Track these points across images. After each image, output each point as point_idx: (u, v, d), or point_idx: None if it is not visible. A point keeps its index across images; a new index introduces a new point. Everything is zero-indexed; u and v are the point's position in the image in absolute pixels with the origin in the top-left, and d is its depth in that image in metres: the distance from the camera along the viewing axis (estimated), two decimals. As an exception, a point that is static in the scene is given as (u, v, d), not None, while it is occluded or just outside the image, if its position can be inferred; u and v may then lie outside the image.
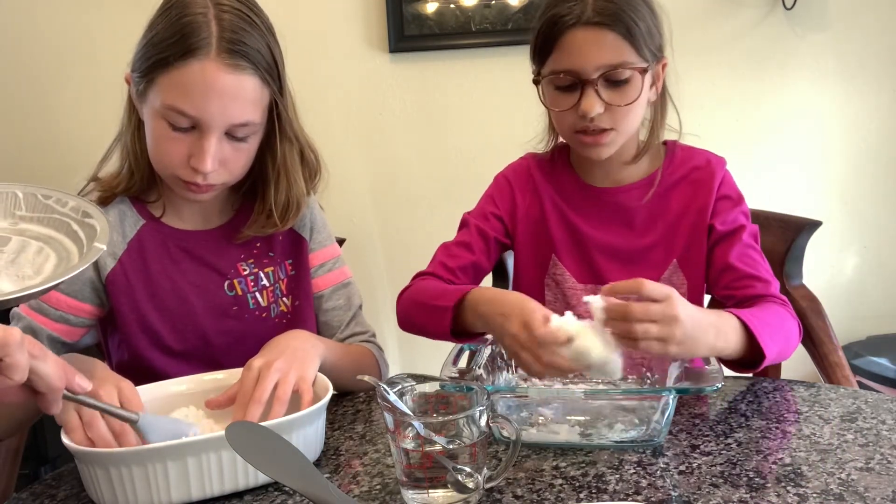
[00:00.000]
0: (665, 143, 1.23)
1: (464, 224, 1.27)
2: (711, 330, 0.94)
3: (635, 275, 1.16)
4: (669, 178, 1.20)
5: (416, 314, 1.16)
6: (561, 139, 1.25)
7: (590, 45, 1.07)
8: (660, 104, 1.19)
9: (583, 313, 0.93)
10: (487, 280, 1.33)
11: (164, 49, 1.02)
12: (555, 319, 0.91)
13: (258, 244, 1.19)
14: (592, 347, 0.88)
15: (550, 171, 1.26)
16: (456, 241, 1.25)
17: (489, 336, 1.05)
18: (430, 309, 1.11)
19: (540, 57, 1.13)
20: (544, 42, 1.11)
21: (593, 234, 1.21)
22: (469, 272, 1.23)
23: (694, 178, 1.20)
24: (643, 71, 1.09)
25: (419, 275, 1.23)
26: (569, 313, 0.92)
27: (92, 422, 0.84)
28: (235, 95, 1.02)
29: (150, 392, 0.96)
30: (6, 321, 1.09)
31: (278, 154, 1.13)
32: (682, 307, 0.90)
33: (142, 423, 0.85)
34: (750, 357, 1.00)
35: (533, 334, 0.91)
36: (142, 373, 1.08)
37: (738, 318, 0.99)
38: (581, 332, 0.89)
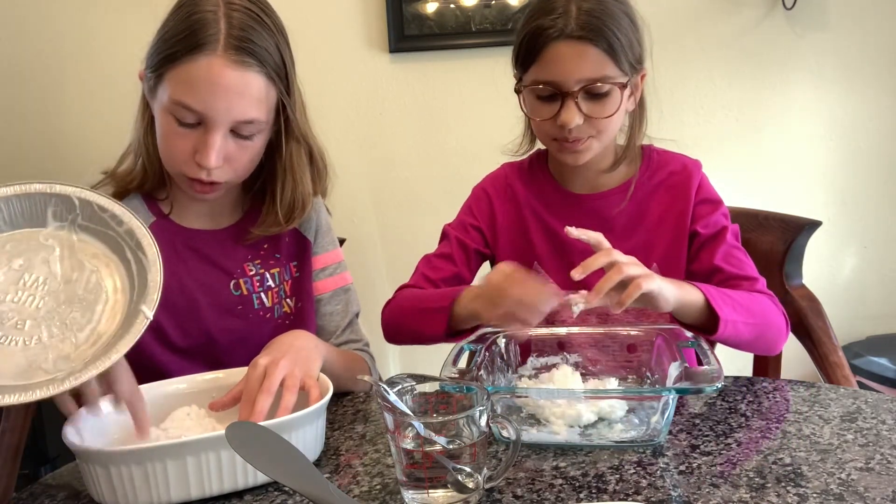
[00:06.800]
0: (641, 147, 1.24)
1: (444, 236, 1.28)
2: (674, 283, 0.99)
3: None
4: (647, 183, 1.22)
5: (408, 319, 1.17)
6: (538, 145, 1.26)
7: (572, 58, 1.08)
8: (637, 113, 1.20)
9: (566, 318, 0.98)
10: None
11: (174, 45, 1.03)
12: None
13: (265, 245, 1.20)
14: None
15: (529, 178, 1.27)
16: (437, 254, 1.26)
17: (478, 333, 1.07)
18: (424, 311, 1.12)
19: (522, 66, 1.14)
20: (527, 52, 1.12)
21: (574, 240, 1.21)
22: (451, 284, 1.23)
23: (671, 184, 1.21)
24: (623, 86, 1.11)
25: (402, 287, 1.24)
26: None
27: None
28: (241, 92, 1.03)
29: (150, 391, 0.96)
30: None
31: (284, 153, 1.14)
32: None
33: None
34: (709, 322, 1.02)
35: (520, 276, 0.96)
36: (144, 368, 1.08)
37: (696, 286, 1.03)
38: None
